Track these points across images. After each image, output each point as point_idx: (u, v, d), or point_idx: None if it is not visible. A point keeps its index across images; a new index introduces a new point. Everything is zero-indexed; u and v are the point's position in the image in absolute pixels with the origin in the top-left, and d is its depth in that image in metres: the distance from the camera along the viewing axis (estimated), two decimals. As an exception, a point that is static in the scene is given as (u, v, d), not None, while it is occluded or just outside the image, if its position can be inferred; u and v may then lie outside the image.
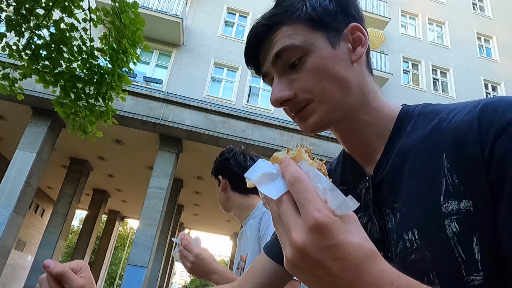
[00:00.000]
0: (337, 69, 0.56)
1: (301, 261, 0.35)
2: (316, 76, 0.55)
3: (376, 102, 0.60)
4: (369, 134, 0.59)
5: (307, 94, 0.56)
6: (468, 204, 0.45)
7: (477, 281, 0.43)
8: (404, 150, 0.55)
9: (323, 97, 0.56)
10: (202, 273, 1.24)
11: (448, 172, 0.47)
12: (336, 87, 0.56)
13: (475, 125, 0.46)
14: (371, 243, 0.36)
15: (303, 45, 0.55)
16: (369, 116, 0.59)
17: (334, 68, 0.56)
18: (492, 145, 0.44)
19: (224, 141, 8.91)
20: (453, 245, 0.45)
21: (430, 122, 0.54)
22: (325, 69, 0.55)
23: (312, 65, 0.55)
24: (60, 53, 4.20)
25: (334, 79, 0.55)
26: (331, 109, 0.56)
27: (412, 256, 0.49)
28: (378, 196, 0.57)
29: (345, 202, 0.34)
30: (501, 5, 14.96)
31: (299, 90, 0.56)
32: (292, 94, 0.56)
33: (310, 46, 0.55)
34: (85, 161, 10.94)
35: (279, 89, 0.57)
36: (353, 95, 0.57)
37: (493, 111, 0.46)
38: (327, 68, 0.55)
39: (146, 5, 10.03)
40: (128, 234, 32.02)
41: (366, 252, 0.34)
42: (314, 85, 0.55)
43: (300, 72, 0.56)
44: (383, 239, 0.54)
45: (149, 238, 8.02)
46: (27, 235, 17.34)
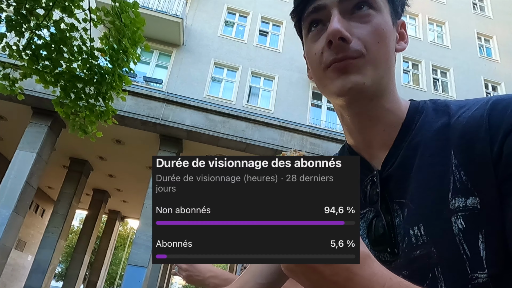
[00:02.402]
0: (391, 43, 0.56)
1: (295, 267, 0.36)
2: (377, 36, 0.53)
3: (397, 93, 0.60)
4: (384, 124, 0.58)
5: (362, 45, 0.52)
6: (475, 201, 0.45)
7: (481, 279, 0.43)
8: (414, 145, 0.54)
9: (375, 58, 0.53)
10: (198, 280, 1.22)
11: (456, 169, 0.47)
12: (385, 59, 0.54)
13: (485, 122, 0.46)
14: (364, 246, 0.36)
15: (377, 0, 0.54)
16: (391, 104, 0.58)
17: (390, 39, 0.55)
18: (501, 143, 0.44)
19: (224, 141, 8.91)
20: (459, 242, 0.45)
21: (439, 118, 0.54)
22: (385, 35, 0.54)
23: (378, 23, 0.53)
24: (60, 53, 4.21)
25: (387, 49, 0.55)
26: (376, 77, 0.53)
27: (417, 252, 0.49)
28: (386, 192, 0.56)
29: None
30: (501, 5, 14.95)
31: (356, 38, 0.52)
32: (349, 37, 0.51)
33: (380, 6, 0.54)
34: (85, 161, 10.94)
35: (341, 25, 0.51)
36: (388, 76, 0.57)
37: (503, 108, 0.46)
38: (387, 35, 0.54)
39: (146, 5, 10.03)
40: (128, 234, 32.02)
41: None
42: (372, 43, 0.53)
43: (364, 23, 0.53)
44: (389, 235, 0.54)
45: (149, 238, 8.02)
46: (27, 235, 17.35)
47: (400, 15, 0.60)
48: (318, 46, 0.55)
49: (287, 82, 10.78)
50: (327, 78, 0.54)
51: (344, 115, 0.60)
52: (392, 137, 0.58)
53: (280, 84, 10.79)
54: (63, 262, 28.55)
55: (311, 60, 0.57)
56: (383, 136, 0.59)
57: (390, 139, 0.58)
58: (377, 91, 0.55)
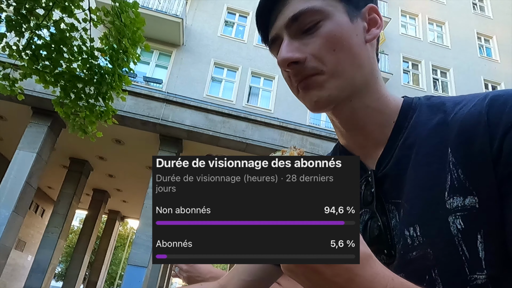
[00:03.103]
0: (352, 42, 0.53)
1: (295, 267, 0.35)
2: (330, 44, 0.52)
3: (383, 90, 0.58)
4: (373, 123, 0.57)
5: (318, 62, 0.52)
6: (473, 200, 0.44)
7: (480, 280, 0.42)
8: (409, 144, 0.53)
9: (335, 70, 0.52)
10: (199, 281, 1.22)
11: (453, 167, 0.46)
12: (349, 61, 0.53)
13: (484, 119, 0.45)
14: (365, 246, 0.36)
15: (322, 9, 0.52)
16: (376, 103, 0.57)
17: (350, 40, 0.53)
18: (501, 140, 0.42)
19: (224, 141, 8.91)
20: (457, 243, 0.43)
21: (434, 115, 0.52)
22: (340, 39, 0.52)
23: (328, 31, 0.52)
24: (60, 53, 4.20)
25: (348, 51, 0.52)
26: (340, 85, 0.53)
27: (413, 253, 0.47)
28: (381, 192, 0.55)
29: None
30: (501, 5, 14.95)
31: (310, 56, 0.52)
32: (302, 57, 0.52)
33: (329, 12, 0.53)
34: (85, 161, 10.94)
35: (288, 49, 0.52)
36: (363, 75, 0.54)
37: (502, 104, 0.44)
38: (343, 38, 0.52)
39: (146, 5, 10.03)
40: (128, 234, 32.02)
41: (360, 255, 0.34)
42: (327, 54, 0.52)
43: (314, 37, 0.52)
44: (386, 236, 0.53)
45: (149, 238, 8.02)
46: (27, 235, 17.35)
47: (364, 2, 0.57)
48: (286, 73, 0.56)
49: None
50: (301, 98, 0.57)
51: (334, 120, 0.60)
52: (386, 136, 0.56)
53: (280, 84, 10.78)
54: (63, 262, 28.55)
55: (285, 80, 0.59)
56: (375, 135, 0.58)
57: (383, 138, 0.57)
58: (352, 93, 0.55)
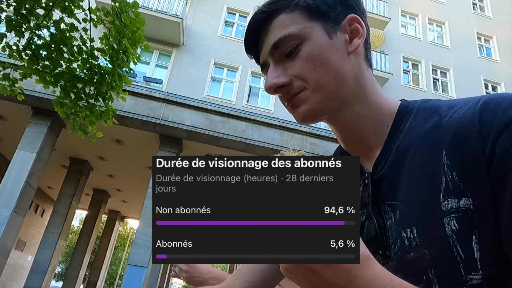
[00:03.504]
0: (332, 58, 0.56)
1: (295, 268, 0.36)
2: (310, 64, 0.55)
3: (374, 96, 0.59)
4: (367, 129, 0.59)
5: (301, 81, 0.56)
6: (468, 202, 0.44)
7: (476, 281, 0.43)
8: (404, 146, 0.54)
9: (317, 85, 0.55)
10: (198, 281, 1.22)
11: (448, 170, 0.47)
12: (331, 77, 0.55)
13: (476, 122, 0.45)
14: (364, 247, 0.36)
15: (299, 34, 0.55)
16: (367, 110, 0.58)
17: (329, 57, 0.55)
18: (493, 143, 0.43)
19: (224, 141, 8.91)
20: (452, 244, 0.44)
21: (430, 118, 0.53)
22: (320, 58, 0.55)
23: (307, 52, 0.55)
24: (60, 53, 4.20)
25: (328, 68, 0.55)
26: (324, 98, 0.56)
27: (410, 255, 0.48)
28: (377, 194, 0.56)
29: None
30: (501, 5, 14.95)
31: (293, 77, 0.56)
32: (287, 81, 0.56)
33: (306, 35, 0.55)
34: (85, 161, 10.94)
35: (273, 75, 0.57)
36: (348, 87, 0.57)
37: (495, 107, 0.45)
38: (322, 56, 0.55)
39: (146, 5, 10.03)
40: (128, 234, 32.01)
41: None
42: (308, 73, 0.55)
43: (295, 60, 0.56)
44: (381, 237, 0.54)
45: (149, 238, 8.02)
46: (27, 235, 17.35)
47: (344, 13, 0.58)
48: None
49: (287, 82, 10.76)
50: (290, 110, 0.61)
51: (330, 127, 0.63)
52: (382, 139, 0.58)
53: (280, 84, 10.77)
54: (63, 262, 28.54)
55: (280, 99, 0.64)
56: (371, 139, 0.59)
57: (379, 141, 0.58)
58: (339, 105, 0.57)
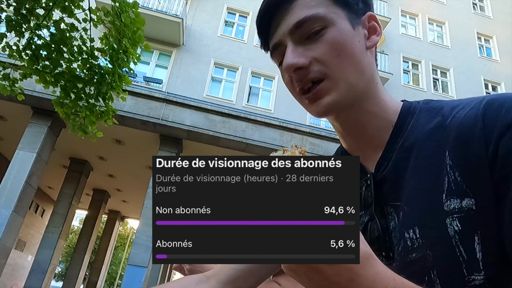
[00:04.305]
0: (355, 49, 0.54)
1: (297, 266, 0.36)
2: (335, 50, 0.53)
3: (383, 95, 0.59)
4: (373, 128, 0.58)
5: (322, 66, 0.53)
6: (470, 202, 0.44)
7: (478, 281, 0.42)
8: (407, 147, 0.54)
9: (339, 74, 0.53)
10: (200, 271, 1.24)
11: (450, 170, 0.46)
12: (353, 67, 0.54)
13: (479, 122, 0.45)
14: (366, 246, 0.36)
15: (325, 17, 0.53)
16: (376, 107, 0.57)
17: (353, 47, 0.54)
18: (496, 143, 0.43)
19: (224, 141, 8.91)
20: (455, 244, 0.44)
21: (432, 119, 0.53)
22: (344, 45, 0.53)
23: (332, 37, 0.53)
24: (60, 53, 4.20)
25: (352, 57, 0.53)
26: (347, 90, 0.54)
27: (413, 255, 0.48)
28: (380, 194, 0.56)
29: None
30: (501, 5, 14.95)
31: (314, 60, 0.53)
32: (306, 63, 0.53)
33: (332, 19, 0.53)
34: (85, 161, 10.94)
35: (293, 55, 0.53)
36: (365, 81, 0.55)
37: (498, 108, 0.45)
38: (347, 44, 0.53)
39: (146, 5, 10.02)
40: (128, 234, 32.01)
41: (360, 255, 0.34)
42: (331, 59, 0.53)
43: (318, 43, 0.53)
44: (384, 238, 0.54)
45: (149, 238, 8.02)
46: (27, 235, 17.35)
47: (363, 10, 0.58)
48: (287, 77, 0.57)
49: (287, 82, 10.77)
50: (304, 103, 0.57)
51: (334, 124, 0.61)
52: (384, 139, 0.57)
53: (280, 84, 10.78)
54: (63, 262, 28.54)
55: (287, 88, 0.60)
56: (375, 139, 0.58)
57: (382, 141, 0.58)
58: (355, 99, 0.55)
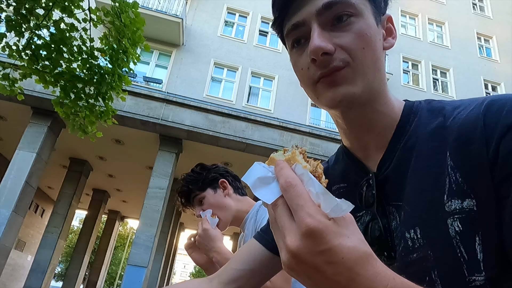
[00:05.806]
0: (377, 45, 0.54)
1: (296, 265, 0.35)
2: (361, 42, 0.51)
3: (389, 94, 0.58)
4: (379, 126, 0.57)
5: (346, 55, 0.51)
6: (471, 203, 0.44)
7: (479, 282, 0.42)
8: (409, 147, 0.54)
9: (362, 66, 0.51)
10: (206, 248, 1.31)
11: (451, 170, 0.46)
12: (373, 63, 0.53)
13: (480, 123, 0.45)
14: (366, 245, 0.36)
15: (356, 5, 0.52)
16: (383, 107, 0.57)
17: (376, 43, 0.53)
18: (497, 144, 0.43)
19: (224, 141, 8.91)
20: (455, 245, 0.44)
21: (434, 119, 0.53)
22: (370, 39, 0.52)
23: (360, 28, 0.51)
24: (60, 53, 4.20)
25: (374, 53, 0.53)
26: (364, 85, 0.52)
27: (414, 255, 0.48)
28: (382, 194, 0.55)
29: (338, 205, 0.35)
30: (501, 5, 14.94)
31: (338, 48, 0.51)
32: (331, 49, 0.50)
33: (361, 10, 0.52)
34: (85, 161, 10.94)
35: (321, 39, 0.50)
36: (379, 79, 0.55)
37: (499, 109, 0.45)
38: (372, 39, 0.52)
39: (146, 5, 10.02)
40: (128, 234, 32.00)
41: (360, 255, 0.34)
42: (357, 50, 0.51)
43: (345, 31, 0.51)
44: (386, 238, 0.53)
45: (149, 238, 8.02)
46: (27, 235, 17.35)
47: (385, 9, 0.58)
48: (304, 61, 0.54)
49: (287, 82, 10.77)
50: (318, 92, 0.54)
51: (339, 120, 0.59)
52: (387, 139, 0.57)
53: (280, 84, 10.78)
54: (63, 262, 28.53)
55: (299, 74, 0.56)
56: (378, 138, 0.58)
57: (385, 141, 0.57)
58: (369, 97, 0.54)
